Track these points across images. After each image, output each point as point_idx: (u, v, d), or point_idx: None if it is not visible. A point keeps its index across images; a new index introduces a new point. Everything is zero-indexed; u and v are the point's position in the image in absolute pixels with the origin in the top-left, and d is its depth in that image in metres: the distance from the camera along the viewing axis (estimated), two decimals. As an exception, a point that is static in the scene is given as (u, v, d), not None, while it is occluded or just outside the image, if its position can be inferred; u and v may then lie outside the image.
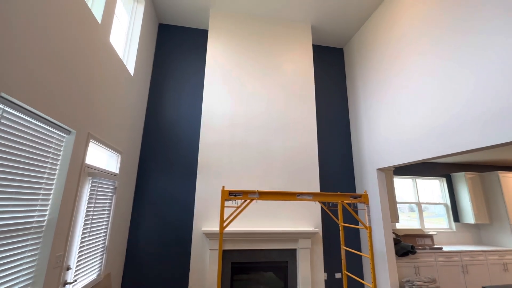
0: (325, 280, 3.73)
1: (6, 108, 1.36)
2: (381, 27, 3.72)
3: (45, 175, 1.74)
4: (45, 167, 1.73)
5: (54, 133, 1.80)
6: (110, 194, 2.73)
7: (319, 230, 3.36)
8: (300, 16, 4.08)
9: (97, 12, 2.36)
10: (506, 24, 2.06)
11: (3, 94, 1.30)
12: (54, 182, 1.84)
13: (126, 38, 3.26)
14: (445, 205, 5.07)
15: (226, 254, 3.18)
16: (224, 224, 2.22)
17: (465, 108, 2.36)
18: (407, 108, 3.12)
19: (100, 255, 2.55)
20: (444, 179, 5.19)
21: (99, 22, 2.32)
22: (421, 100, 2.90)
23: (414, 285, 3.46)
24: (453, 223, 4.92)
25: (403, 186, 5.08)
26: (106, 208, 2.66)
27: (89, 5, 2.34)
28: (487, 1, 2.24)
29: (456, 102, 2.46)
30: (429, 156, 2.75)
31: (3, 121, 1.35)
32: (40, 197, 1.71)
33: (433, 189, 5.18)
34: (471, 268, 4.02)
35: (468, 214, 4.72)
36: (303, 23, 4.21)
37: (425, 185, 5.16)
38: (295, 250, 3.32)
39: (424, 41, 2.91)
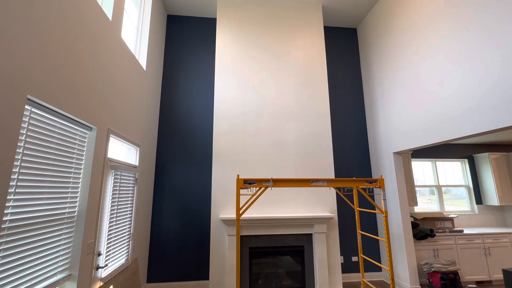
0: (342, 263, 3.80)
1: (33, 109, 1.46)
2: (397, 2, 3.50)
3: (72, 170, 1.86)
4: (71, 163, 1.85)
5: (77, 130, 1.91)
6: (132, 185, 2.88)
7: (334, 215, 3.39)
8: (310, -3, 3.92)
9: (107, 9, 2.40)
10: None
11: (30, 96, 1.38)
12: (80, 176, 1.97)
13: (136, 32, 3.30)
14: (467, 187, 4.90)
15: (244, 239, 3.30)
16: (240, 212, 2.29)
17: (491, 87, 2.23)
18: (425, 89, 2.99)
19: (127, 242, 2.74)
20: (466, 160, 4.98)
21: (110, 19, 2.36)
22: (441, 80, 2.76)
23: (432, 267, 3.45)
24: (475, 206, 4.77)
25: (422, 169, 4.93)
26: (129, 198, 2.81)
27: (99, 2, 2.38)
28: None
29: (481, 80, 2.32)
30: (450, 137, 2.65)
31: (31, 121, 1.44)
32: (70, 190, 1.84)
33: (454, 171, 5.00)
34: (494, 250, 3.92)
35: (492, 196, 4.55)
36: (313, 4, 4.04)
37: (446, 167, 4.99)
38: (311, 235, 3.38)
39: (445, 16, 2.73)
